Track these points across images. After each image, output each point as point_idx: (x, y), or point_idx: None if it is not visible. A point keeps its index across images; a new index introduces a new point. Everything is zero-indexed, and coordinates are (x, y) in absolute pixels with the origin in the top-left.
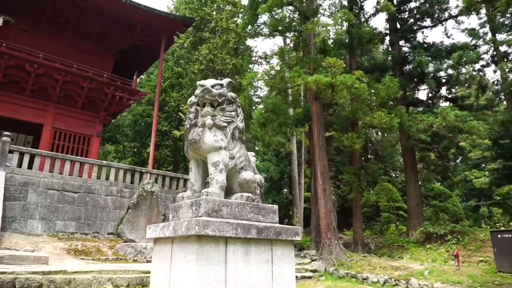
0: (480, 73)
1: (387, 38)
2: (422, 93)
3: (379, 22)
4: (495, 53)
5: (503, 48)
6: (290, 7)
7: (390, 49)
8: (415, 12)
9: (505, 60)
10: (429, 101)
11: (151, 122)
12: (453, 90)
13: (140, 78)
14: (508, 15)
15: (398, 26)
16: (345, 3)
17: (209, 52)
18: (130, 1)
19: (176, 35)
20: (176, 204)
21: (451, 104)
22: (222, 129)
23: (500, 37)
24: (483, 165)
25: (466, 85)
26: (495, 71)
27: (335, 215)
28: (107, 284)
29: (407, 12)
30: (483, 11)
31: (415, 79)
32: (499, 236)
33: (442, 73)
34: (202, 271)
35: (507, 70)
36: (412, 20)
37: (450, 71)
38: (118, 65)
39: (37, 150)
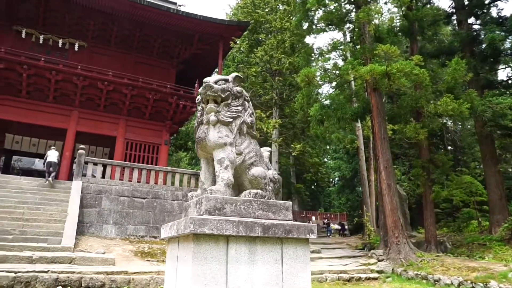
0: None
1: (454, 17)
2: (502, 74)
3: (444, 2)
4: None
5: None
6: None
7: (457, 29)
8: None
9: None
10: (510, 81)
11: None
12: None
13: None
14: None
15: (466, 2)
16: None
17: (265, 53)
18: (186, 13)
19: (232, 40)
20: (186, 204)
21: None
22: (228, 125)
23: None
24: None
25: None
26: None
27: (406, 212)
28: (163, 284)
29: None
30: None
31: (490, 59)
32: None
33: None
34: (199, 271)
35: None
36: None
37: None
38: (180, 75)
39: (108, 160)
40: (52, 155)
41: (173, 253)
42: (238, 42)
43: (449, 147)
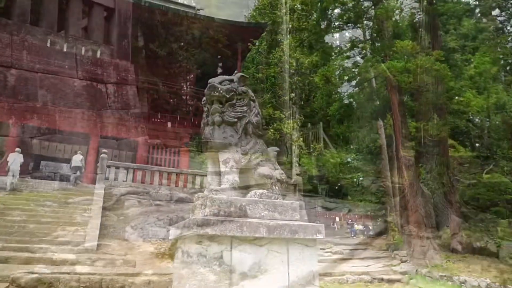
0: None
1: (477, 10)
2: None
3: None
4: None
5: None
6: None
7: (481, 22)
8: None
9: None
10: None
11: None
12: None
13: None
14: None
15: None
16: None
17: (283, 53)
18: (204, 16)
19: (251, 42)
20: (193, 204)
21: None
22: (232, 125)
23: None
24: None
25: None
26: None
27: (431, 212)
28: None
29: None
30: None
31: None
32: None
33: None
34: (203, 271)
35: None
36: None
37: None
38: (201, 78)
39: (130, 164)
40: (76, 159)
41: (179, 254)
42: (256, 44)
43: (476, 144)
